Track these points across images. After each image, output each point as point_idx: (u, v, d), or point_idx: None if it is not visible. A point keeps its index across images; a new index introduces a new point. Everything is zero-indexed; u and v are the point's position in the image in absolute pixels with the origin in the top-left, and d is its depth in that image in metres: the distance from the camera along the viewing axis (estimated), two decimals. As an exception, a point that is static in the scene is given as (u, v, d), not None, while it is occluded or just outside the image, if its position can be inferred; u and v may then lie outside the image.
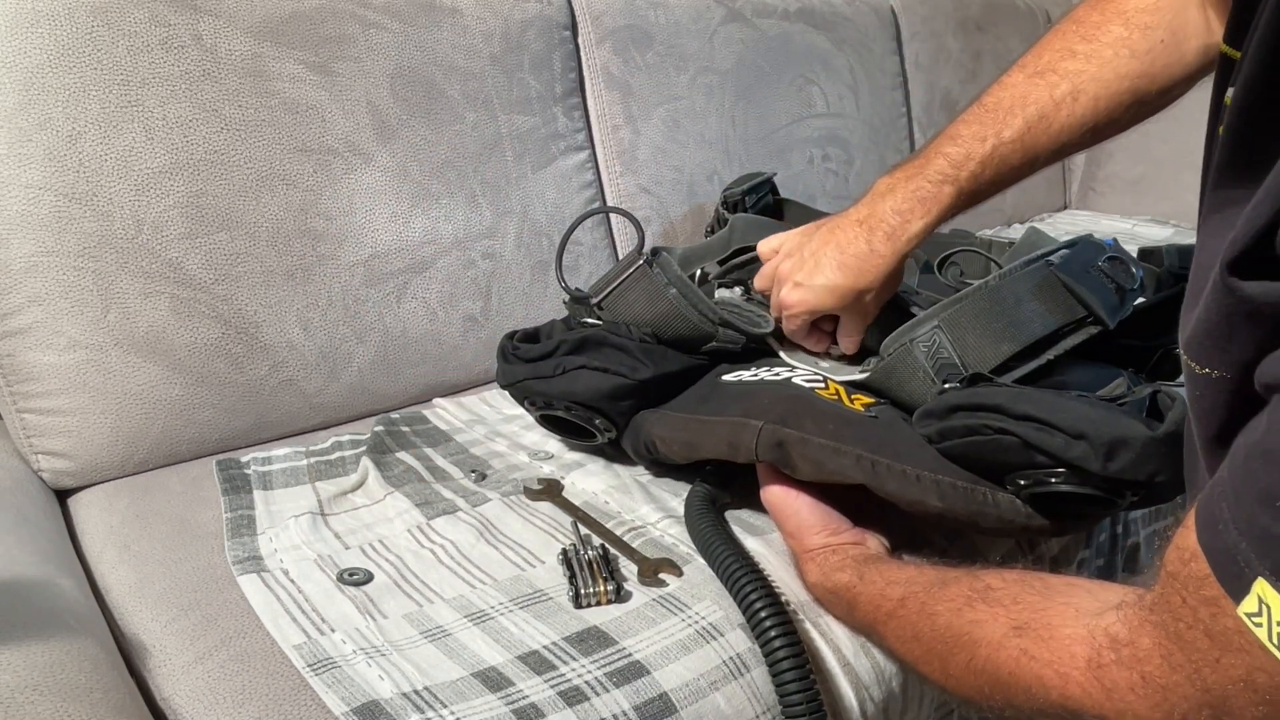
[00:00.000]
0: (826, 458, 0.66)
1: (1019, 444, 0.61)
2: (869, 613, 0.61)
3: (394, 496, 0.79)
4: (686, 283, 0.83)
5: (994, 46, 1.74)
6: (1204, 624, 0.37)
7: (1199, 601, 0.38)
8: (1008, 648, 0.49)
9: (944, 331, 0.70)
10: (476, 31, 1.07)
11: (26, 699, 0.48)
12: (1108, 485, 0.60)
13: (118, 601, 0.67)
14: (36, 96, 0.80)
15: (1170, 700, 0.40)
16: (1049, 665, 0.46)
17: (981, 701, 0.52)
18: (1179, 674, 0.39)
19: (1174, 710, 0.40)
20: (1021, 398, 0.62)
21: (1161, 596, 0.41)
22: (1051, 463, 0.60)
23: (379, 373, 0.99)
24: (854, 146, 1.49)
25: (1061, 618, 0.47)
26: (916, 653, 0.57)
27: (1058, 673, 0.46)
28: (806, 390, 0.73)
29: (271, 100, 0.91)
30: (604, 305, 0.84)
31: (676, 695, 0.59)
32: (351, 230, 0.96)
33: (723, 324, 0.82)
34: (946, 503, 0.65)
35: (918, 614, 0.57)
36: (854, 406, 0.72)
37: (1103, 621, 0.45)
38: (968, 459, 0.65)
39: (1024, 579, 0.53)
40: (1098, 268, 0.71)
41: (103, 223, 0.83)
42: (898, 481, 0.65)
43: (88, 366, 0.83)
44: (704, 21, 1.30)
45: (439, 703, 0.55)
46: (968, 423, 0.63)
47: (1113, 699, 0.43)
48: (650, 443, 0.78)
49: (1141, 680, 0.41)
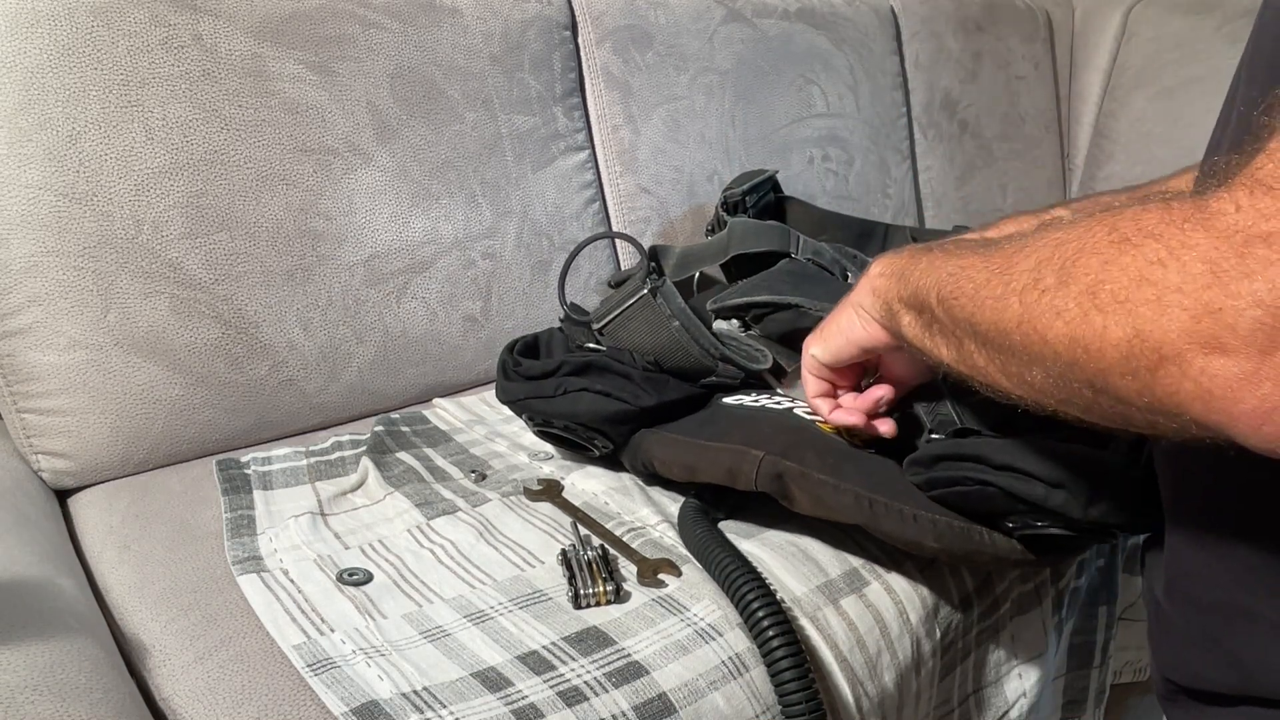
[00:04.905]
0: (825, 494, 0.67)
1: (1001, 494, 0.61)
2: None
3: (394, 496, 0.79)
4: (690, 316, 0.83)
5: (994, 46, 1.74)
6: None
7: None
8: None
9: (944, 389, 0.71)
10: (476, 31, 1.07)
11: (26, 699, 0.48)
12: (1093, 527, 0.61)
13: (118, 601, 0.67)
14: (36, 96, 0.80)
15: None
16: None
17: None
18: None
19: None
20: (1003, 448, 0.62)
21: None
22: (1034, 511, 0.61)
23: (379, 373, 0.99)
24: (854, 146, 1.48)
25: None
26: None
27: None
28: (808, 422, 0.74)
29: (271, 100, 0.91)
30: (605, 331, 0.84)
31: (675, 695, 0.59)
32: (351, 230, 0.97)
33: (723, 359, 0.82)
34: (943, 543, 0.65)
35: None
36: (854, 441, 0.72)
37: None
38: (956, 507, 0.65)
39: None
40: None
41: (103, 223, 0.83)
42: (894, 521, 0.65)
43: (88, 366, 0.83)
44: (704, 21, 1.30)
45: (438, 703, 0.55)
46: (951, 474, 0.64)
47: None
48: (649, 462, 0.78)
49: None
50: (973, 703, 0.78)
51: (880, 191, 1.54)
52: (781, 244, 1.05)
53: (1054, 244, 0.44)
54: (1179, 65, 1.76)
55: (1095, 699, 0.91)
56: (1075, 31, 1.89)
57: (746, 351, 0.84)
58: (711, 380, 0.84)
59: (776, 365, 0.82)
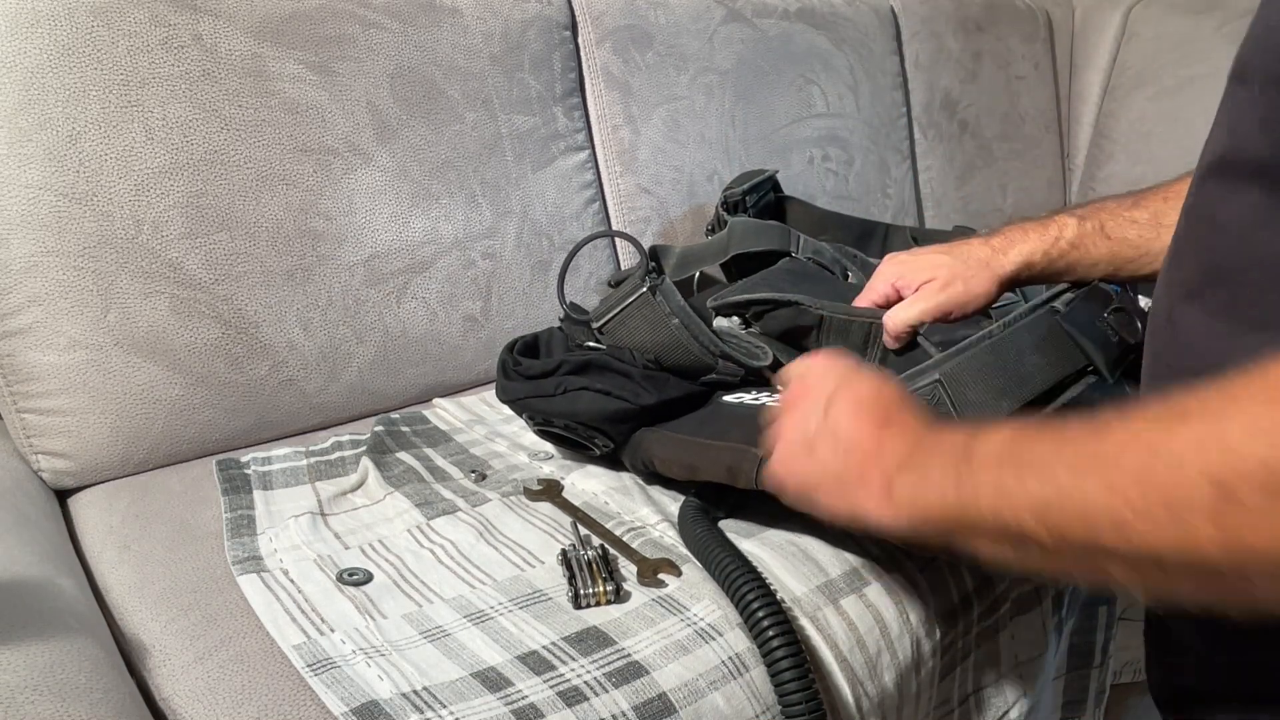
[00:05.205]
0: None
1: None
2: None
3: (394, 496, 0.79)
4: (689, 314, 0.83)
5: (994, 46, 1.74)
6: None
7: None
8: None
9: (944, 387, 0.70)
10: (476, 31, 1.07)
11: (26, 699, 0.48)
12: None
13: (118, 601, 0.67)
14: (36, 96, 0.80)
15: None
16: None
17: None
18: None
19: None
20: None
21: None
22: None
23: (379, 373, 0.99)
24: (854, 146, 1.49)
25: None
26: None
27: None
28: None
29: (271, 100, 0.91)
30: (605, 330, 0.84)
31: (675, 695, 0.59)
32: (351, 230, 0.97)
33: (723, 356, 0.82)
34: None
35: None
36: None
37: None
38: None
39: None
40: (1104, 319, 0.71)
41: (103, 223, 0.83)
42: None
43: (88, 366, 0.83)
44: (704, 21, 1.30)
45: (438, 703, 0.56)
46: None
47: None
48: (649, 460, 0.78)
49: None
50: (973, 703, 0.78)
51: (880, 191, 1.54)
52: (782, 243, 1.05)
53: (1226, 451, 0.34)
54: (1179, 65, 1.76)
55: (1095, 699, 0.91)
56: (1075, 31, 1.89)
57: (747, 349, 0.84)
58: (712, 378, 0.83)
59: (777, 362, 0.82)
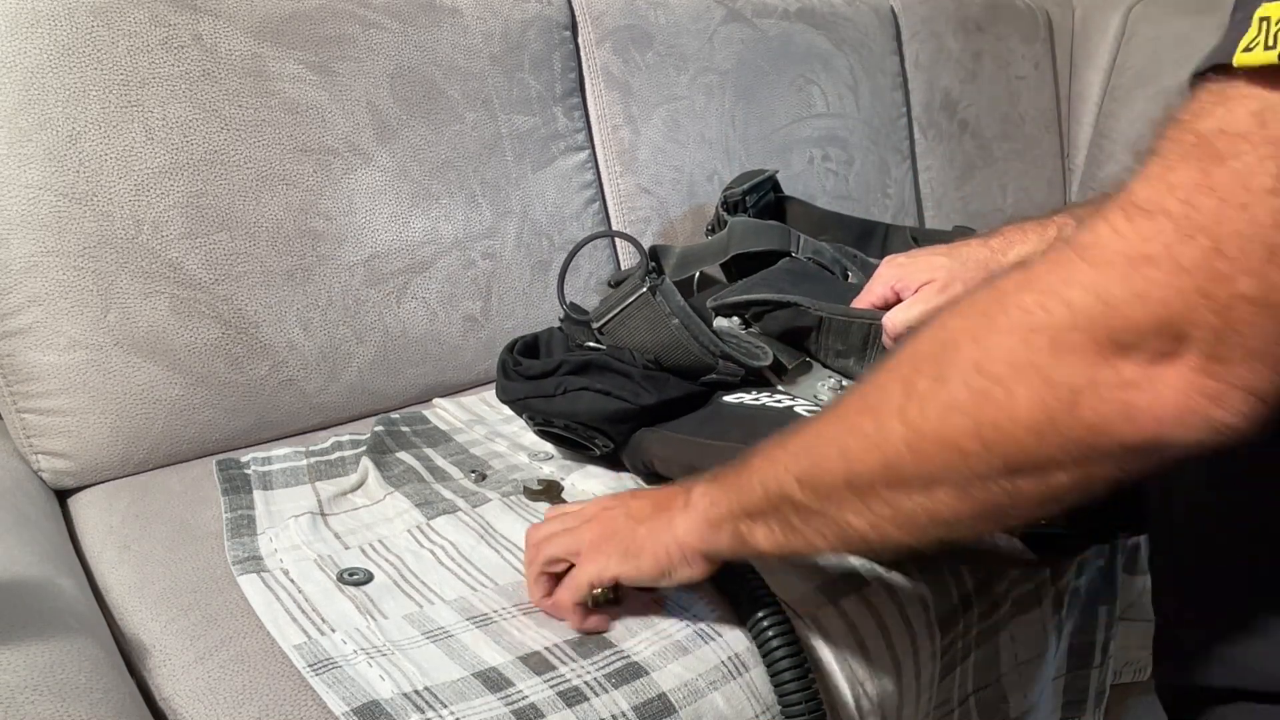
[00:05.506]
0: None
1: None
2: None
3: (394, 496, 0.79)
4: (689, 314, 0.83)
5: (994, 46, 1.74)
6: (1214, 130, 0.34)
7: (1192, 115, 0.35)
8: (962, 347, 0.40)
9: None
10: (476, 31, 1.07)
11: (26, 699, 0.48)
12: (1096, 525, 0.61)
13: (118, 601, 0.67)
14: (36, 96, 0.80)
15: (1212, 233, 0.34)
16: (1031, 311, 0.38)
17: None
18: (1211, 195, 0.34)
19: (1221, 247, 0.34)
20: None
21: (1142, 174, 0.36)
22: None
23: (379, 373, 0.99)
24: (854, 146, 1.48)
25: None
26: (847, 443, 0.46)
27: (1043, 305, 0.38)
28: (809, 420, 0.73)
29: (271, 100, 0.91)
30: (605, 330, 0.84)
31: (675, 695, 0.59)
32: (351, 230, 0.97)
33: (723, 356, 0.82)
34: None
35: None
36: None
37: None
38: None
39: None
40: None
41: (103, 223, 0.83)
42: None
43: (88, 366, 0.83)
44: (704, 21, 1.30)
45: (439, 703, 0.56)
46: None
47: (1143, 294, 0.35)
48: (649, 460, 0.78)
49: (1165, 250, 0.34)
50: (973, 703, 0.78)
51: (880, 191, 1.54)
52: (782, 243, 1.05)
53: (910, 355, 0.43)
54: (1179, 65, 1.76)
55: (1095, 699, 0.91)
56: (1075, 31, 1.89)
57: (747, 348, 0.84)
58: (712, 378, 0.83)
59: (777, 362, 0.82)
